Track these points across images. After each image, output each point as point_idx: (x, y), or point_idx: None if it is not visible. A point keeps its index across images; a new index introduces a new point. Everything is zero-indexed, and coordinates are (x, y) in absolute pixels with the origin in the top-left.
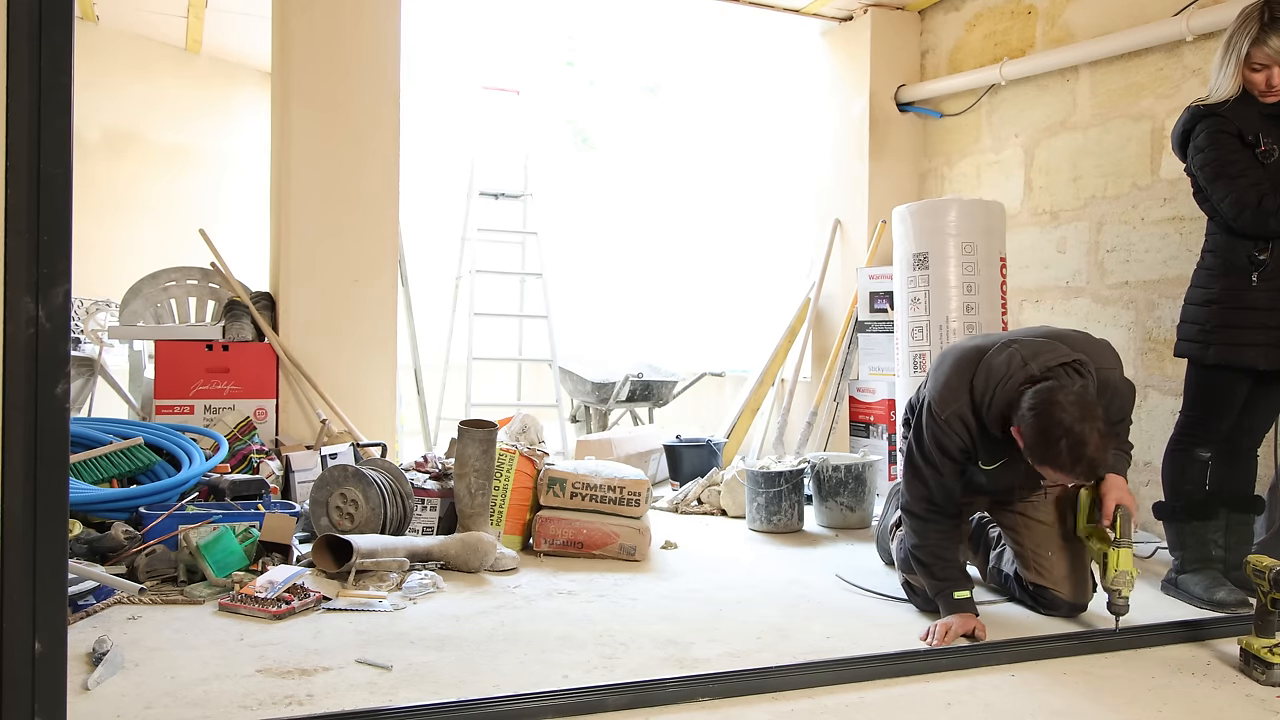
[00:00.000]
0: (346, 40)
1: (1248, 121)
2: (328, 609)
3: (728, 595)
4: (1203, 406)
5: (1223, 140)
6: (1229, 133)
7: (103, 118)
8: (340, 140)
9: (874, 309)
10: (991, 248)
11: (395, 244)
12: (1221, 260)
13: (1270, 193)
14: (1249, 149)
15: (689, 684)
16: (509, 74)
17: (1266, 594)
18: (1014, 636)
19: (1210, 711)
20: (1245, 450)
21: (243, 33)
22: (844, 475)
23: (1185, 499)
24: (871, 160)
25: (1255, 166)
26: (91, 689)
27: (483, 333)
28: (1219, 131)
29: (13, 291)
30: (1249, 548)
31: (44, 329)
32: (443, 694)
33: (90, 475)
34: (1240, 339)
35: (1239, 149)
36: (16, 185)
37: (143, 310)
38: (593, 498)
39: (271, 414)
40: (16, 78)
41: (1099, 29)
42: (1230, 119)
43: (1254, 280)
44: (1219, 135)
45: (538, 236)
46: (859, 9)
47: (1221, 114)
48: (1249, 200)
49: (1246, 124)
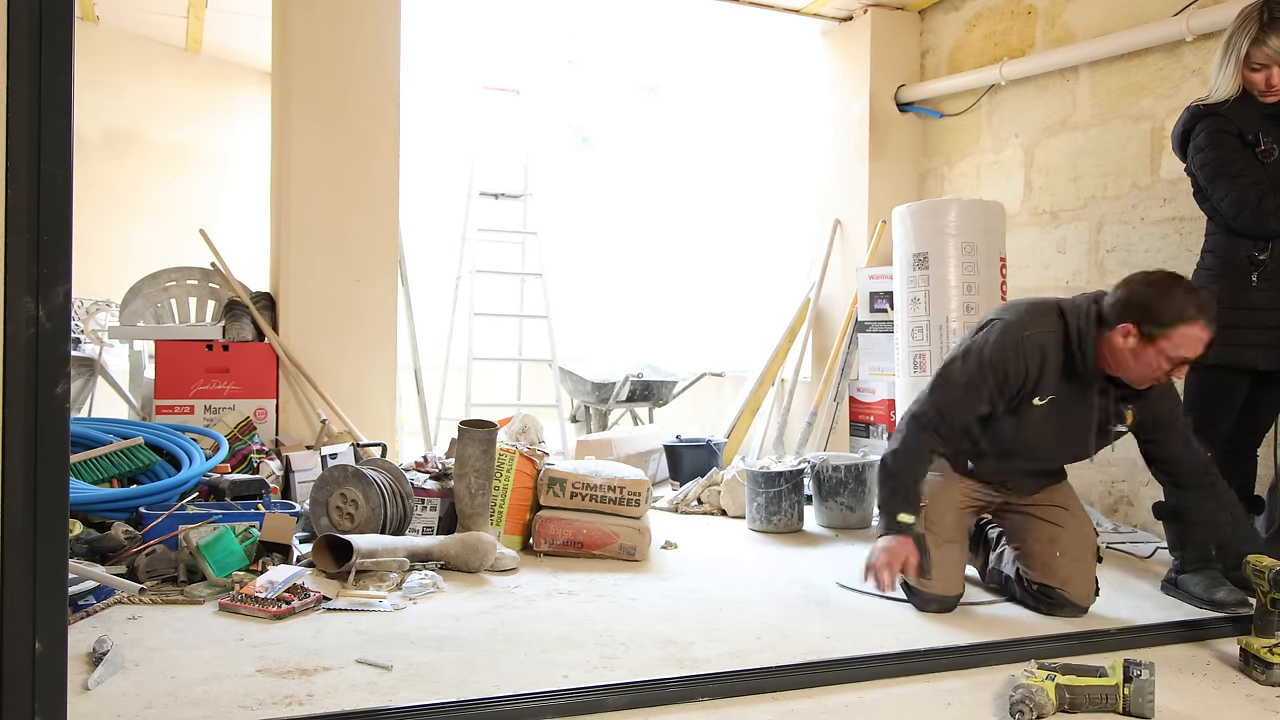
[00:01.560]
0: (347, 40)
1: (1248, 121)
2: (328, 609)
3: (728, 595)
4: (1202, 407)
5: (1223, 140)
6: (1229, 132)
7: (103, 118)
8: (340, 140)
9: (874, 309)
10: (991, 248)
11: (395, 244)
12: (1221, 260)
13: (1270, 192)
14: (1249, 149)
15: (689, 684)
16: (509, 74)
17: (1266, 594)
18: (1014, 636)
19: (1210, 711)
20: (1245, 450)
21: (243, 33)
22: (844, 475)
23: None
24: (871, 160)
25: (1255, 166)
26: (91, 689)
27: (483, 333)
28: (1219, 131)
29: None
30: (1249, 548)
31: (44, 329)
32: (443, 694)
33: (90, 475)
34: (1239, 339)
35: (1239, 149)
36: (16, 185)
37: (143, 310)
38: (593, 498)
39: (271, 414)
40: (16, 78)
41: (1099, 29)
42: (1230, 119)
43: (1254, 280)
44: (1219, 135)
45: (538, 236)
46: (859, 9)
47: (1221, 114)
48: (1249, 199)
49: (1246, 124)
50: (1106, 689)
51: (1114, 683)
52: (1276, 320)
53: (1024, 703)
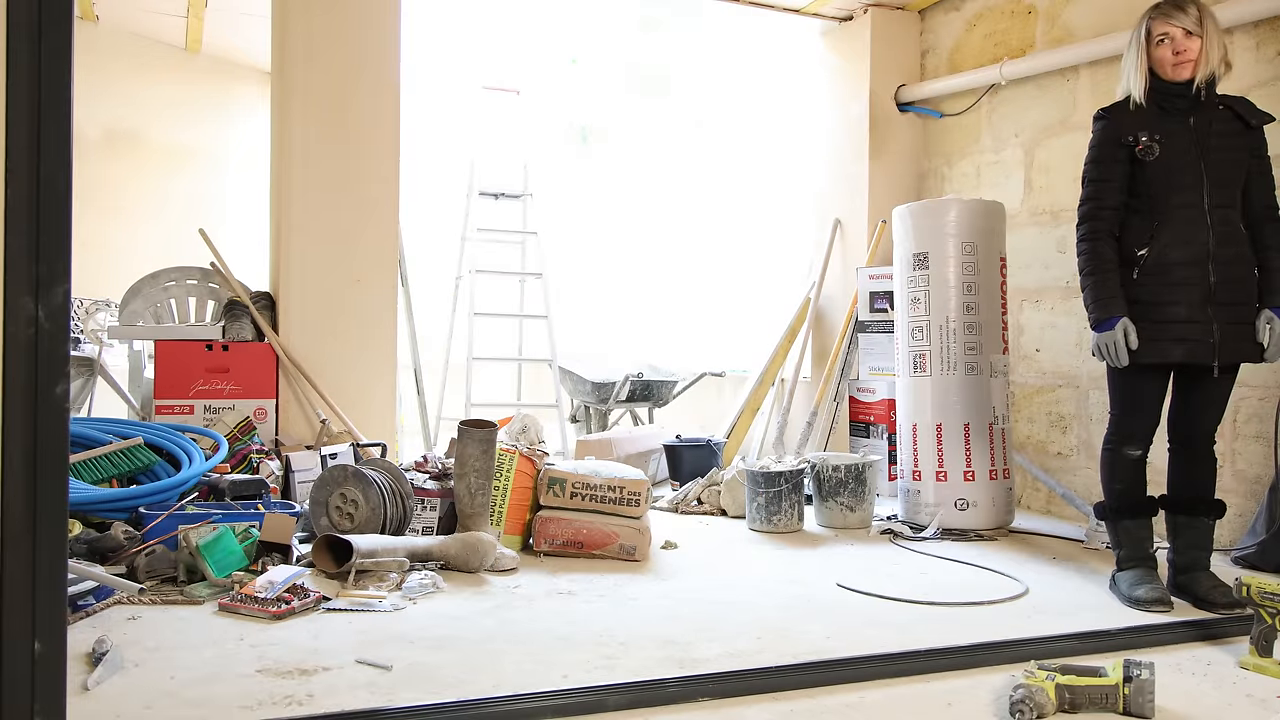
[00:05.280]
0: (347, 40)
1: (1135, 123)
2: (328, 609)
3: (728, 595)
4: (1120, 405)
5: (1101, 145)
6: (1110, 138)
7: (103, 117)
8: (340, 140)
9: (874, 309)
10: (991, 248)
11: (395, 244)
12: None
13: (1101, 215)
14: (1127, 149)
15: (689, 684)
16: (509, 74)
17: (1275, 615)
18: (1014, 636)
19: (1210, 711)
20: (1200, 451)
21: (242, 32)
22: (844, 475)
23: (1116, 497)
24: (871, 160)
25: (1118, 176)
26: (91, 689)
27: (483, 333)
28: (1101, 135)
29: (13, 291)
30: (1203, 552)
31: (44, 329)
32: (443, 694)
33: (90, 475)
34: (1142, 334)
35: (1113, 156)
36: (16, 185)
37: (142, 310)
38: (593, 498)
39: (271, 414)
40: (16, 78)
41: (1099, 29)
42: (1116, 122)
43: (1135, 275)
44: (1100, 139)
45: (538, 236)
46: (859, 9)
47: (1110, 117)
48: (1085, 215)
49: (1133, 126)
50: (1106, 689)
51: (1114, 683)
52: (1160, 315)
53: (1024, 703)
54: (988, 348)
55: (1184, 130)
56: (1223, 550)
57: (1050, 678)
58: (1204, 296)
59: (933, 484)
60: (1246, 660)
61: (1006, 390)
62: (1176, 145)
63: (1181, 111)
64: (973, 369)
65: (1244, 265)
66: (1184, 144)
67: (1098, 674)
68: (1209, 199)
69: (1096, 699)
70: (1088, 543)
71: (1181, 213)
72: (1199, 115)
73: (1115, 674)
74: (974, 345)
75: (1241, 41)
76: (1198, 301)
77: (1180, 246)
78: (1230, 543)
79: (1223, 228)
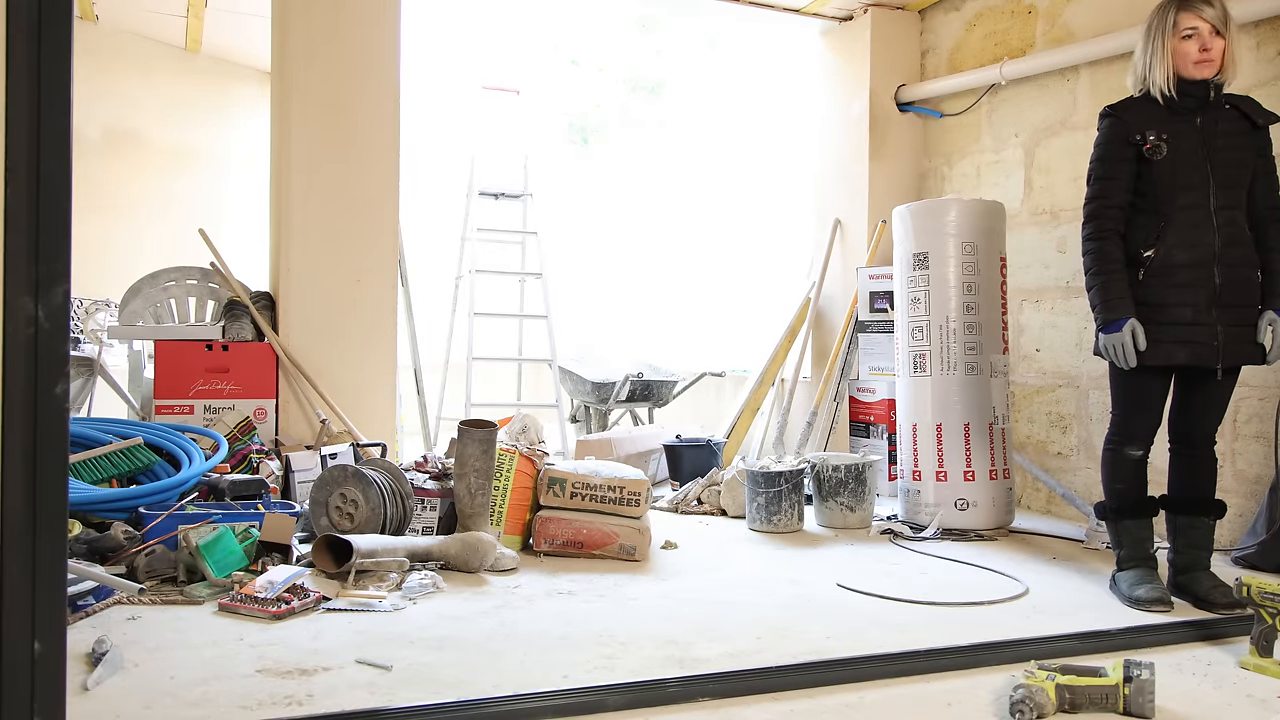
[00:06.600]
0: (346, 40)
1: (1144, 120)
2: (328, 609)
3: (728, 595)
4: (1122, 406)
5: (1109, 143)
6: (1118, 136)
7: (103, 117)
8: (340, 140)
9: (874, 309)
10: (991, 247)
11: (395, 244)
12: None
13: (1106, 215)
14: (1135, 148)
15: (689, 684)
16: (509, 74)
17: (1275, 615)
18: (1014, 636)
19: (1210, 711)
20: (1201, 451)
21: (243, 33)
22: (844, 475)
23: (1117, 497)
24: (871, 160)
25: (1125, 175)
26: (91, 689)
27: (483, 333)
28: (1109, 132)
29: (12, 291)
30: (1203, 552)
31: (44, 329)
32: (443, 694)
33: (90, 475)
34: (1149, 335)
35: (1120, 155)
36: (16, 185)
37: (142, 310)
38: (593, 498)
39: (271, 414)
40: (16, 77)
41: (1099, 29)
42: (1125, 120)
43: (1140, 276)
44: (1107, 136)
45: (538, 236)
46: (859, 9)
47: (1117, 114)
48: (1091, 213)
49: (1142, 123)
50: (1106, 689)
51: (1114, 683)
52: (1167, 316)
53: (1024, 703)
54: (988, 348)
55: (1191, 130)
56: (1223, 550)
57: (1050, 678)
58: (1209, 299)
59: (933, 484)
60: (1247, 660)
61: (1006, 390)
62: (1184, 145)
63: (1190, 111)
64: (973, 369)
65: (1249, 267)
66: (1191, 144)
67: (1098, 674)
68: (1215, 200)
69: (1097, 699)
70: (1088, 543)
71: (1187, 214)
72: (1206, 115)
73: (1115, 674)
74: (974, 345)
75: (1241, 41)
76: (1203, 304)
77: (1186, 248)
78: (1230, 543)
79: (1229, 229)
